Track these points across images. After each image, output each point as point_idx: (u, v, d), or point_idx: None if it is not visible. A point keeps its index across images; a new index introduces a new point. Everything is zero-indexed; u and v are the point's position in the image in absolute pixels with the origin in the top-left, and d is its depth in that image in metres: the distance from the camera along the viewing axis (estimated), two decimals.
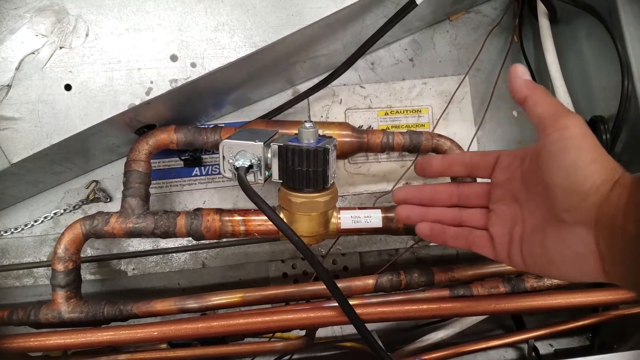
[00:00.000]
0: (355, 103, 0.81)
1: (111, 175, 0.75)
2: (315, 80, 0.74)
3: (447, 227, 0.52)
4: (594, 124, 0.68)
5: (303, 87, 0.79)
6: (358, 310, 0.51)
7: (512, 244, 0.46)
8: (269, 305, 0.62)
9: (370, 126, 0.80)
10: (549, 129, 0.42)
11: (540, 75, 0.81)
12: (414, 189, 0.54)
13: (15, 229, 0.73)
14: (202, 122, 0.76)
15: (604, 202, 0.38)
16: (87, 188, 0.74)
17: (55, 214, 0.73)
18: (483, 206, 0.51)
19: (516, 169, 0.47)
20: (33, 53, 0.54)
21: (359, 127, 0.78)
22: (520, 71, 0.46)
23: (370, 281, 0.60)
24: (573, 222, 0.41)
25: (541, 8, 0.74)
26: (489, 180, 0.50)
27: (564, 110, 0.42)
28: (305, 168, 0.53)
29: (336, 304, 0.53)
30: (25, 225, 0.73)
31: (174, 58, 0.57)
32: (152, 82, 0.57)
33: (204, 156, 0.77)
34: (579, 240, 0.40)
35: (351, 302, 0.51)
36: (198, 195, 0.78)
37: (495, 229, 0.48)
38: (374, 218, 0.62)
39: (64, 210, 0.73)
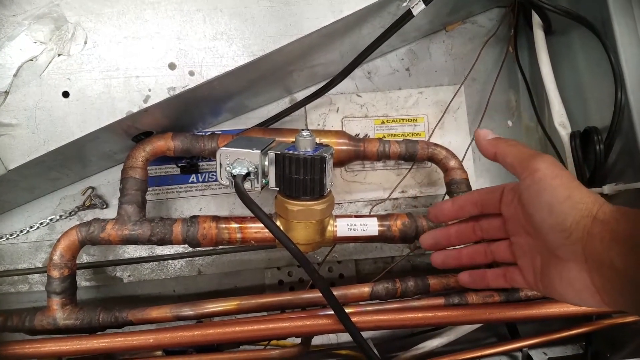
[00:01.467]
0: (352, 112, 0.81)
1: (107, 181, 0.75)
2: (313, 89, 0.75)
3: (484, 272, 0.55)
4: (588, 134, 0.68)
5: (300, 96, 0.80)
6: (354, 319, 0.52)
7: (536, 274, 0.47)
8: (265, 313, 0.62)
9: (366, 135, 0.81)
10: (521, 175, 0.44)
11: (535, 86, 0.82)
12: (440, 232, 0.56)
13: (11, 234, 0.73)
14: (199, 130, 0.76)
15: (588, 238, 0.39)
16: (83, 194, 0.74)
17: (51, 220, 0.73)
18: (506, 237, 0.52)
19: (517, 205, 0.48)
20: (31, 60, 0.55)
21: (355, 135, 0.78)
22: (483, 133, 0.49)
23: (366, 289, 0.61)
24: (566, 259, 0.42)
25: (536, 19, 0.75)
26: None
27: (532, 154, 0.44)
28: (302, 176, 0.53)
29: (332, 312, 0.53)
30: (21, 231, 0.73)
31: (172, 66, 0.57)
32: (150, 90, 0.57)
33: (200, 163, 0.77)
34: (575, 277, 0.42)
35: (347, 310, 0.52)
36: (195, 202, 0.78)
37: (521, 262, 0.50)
38: (370, 226, 0.62)
39: (60, 216, 0.73)
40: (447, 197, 0.70)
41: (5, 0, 0.53)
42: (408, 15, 0.62)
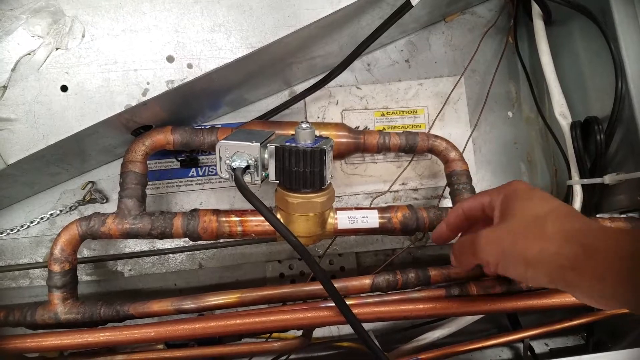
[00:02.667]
0: (352, 104, 0.81)
1: (107, 176, 0.75)
2: (312, 81, 0.74)
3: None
4: (588, 124, 0.68)
5: (300, 88, 0.79)
6: (355, 310, 0.52)
7: None
8: (266, 306, 0.63)
9: (366, 127, 0.81)
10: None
11: (535, 76, 0.82)
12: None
13: (11, 230, 0.73)
14: (198, 123, 0.76)
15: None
16: (83, 189, 0.74)
17: (51, 215, 0.73)
18: None
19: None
20: (29, 54, 0.54)
21: (355, 128, 0.78)
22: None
23: (366, 281, 0.61)
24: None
25: (536, 9, 0.74)
26: None
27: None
28: (302, 169, 0.53)
29: (333, 304, 0.53)
30: (22, 226, 0.73)
31: (170, 59, 0.57)
32: (148, 83, 0.57)
33: (200, 157, 0.77)
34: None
35: (348, 302, 0.52)
36: (195, 196, 0.78)
37: None
38: (370, 218, 0.62)
39: (60, 211, 0.73)
40: (447, 189, 0.70)
41: None
42: (407, 5, 0.62)
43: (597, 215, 0.68)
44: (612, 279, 0.36)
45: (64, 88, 0.56)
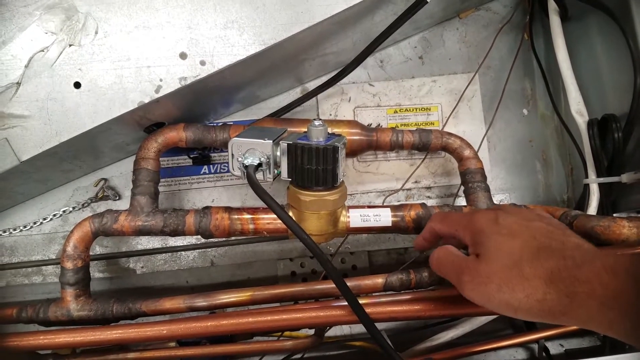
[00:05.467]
0: (364, 101, 0.80)
1: (120, 173, 0.75)
2: (324, 78, 0.74)
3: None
4: (606, 122, 0.67)
5: (312, 85, 0.79)
6: (367, 310, 0.51)
7: None
8: (278, 304, 0.62)
9: (379, 124, 0.80)
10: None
11: (550, 73, 0.81)
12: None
13: (25, 226, 0.73)
14: (210, 121, 0.76)
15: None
16: (96, 186, 0.74)
17: (64, 212, 0.73)
18: None
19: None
20: (42, 51, 0.54)
21: (367, 125, 0.77)
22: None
23: (379, 280, 0.60)
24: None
25: (552, 5, 0.73)
26: None
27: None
28: (314, 166, 0.52)
29: (345, 303, 0.52)
30: (35, 223, 0.73)
31: (183, 56, 0.57)
32: (161, 80, 0.57)
33: (212, 154, 0.77)
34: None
35: (360, 301, 0.51)
36: (207, 193, 0.78)
37: None
38: (383, 217, 0.62)
39: (73, 208, 0.73)
40: (462, 187, 0.69)
41: None
42: (421, 1, 0.61)
43: (615, 215, 0.67)
44: (603, 323, 0.38)
45: (77, 85, 0.56)
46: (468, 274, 0.45)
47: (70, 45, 0.55)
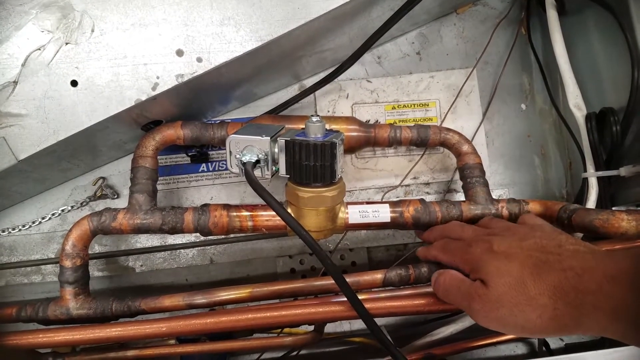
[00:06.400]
0: (362, 97, 0.80)
1: (118, 171, 0.75)
2: (322, 75, 0.74)
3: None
4: (604, 116, 0.67)
5: (309, 82, 0.79)
6: (367, 305, 0.51)
7: None
8: (277, 301, 0.62)
9: (377, 121, 0.80)
10: None
11: (548, 68, 0.81)
12: None
13: (23, 226, 0.73)
14: (208, 118, 0.76)
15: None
16: (94, 185, 0.74)
17: (62, 210, 0.73)
18: None
19: None
20: (39, 49, 0.54)
21: (366, 121, 0.77)
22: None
23: (378, 276, 0.60)
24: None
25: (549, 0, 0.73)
26: None
27: None
28: (312, 162, 0.52)
29: (345, 299, 0.52)
30: (33, 223, 0.73)
31: (179, 53, 0.57)
32: (158, 78, 0.57)
33: (210, 152, 0.77)
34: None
35: (359, 297, 0.51)
36: (205, 191, 0.78)
37: None
38: (382, 213, 0.62)
39: (72, 207, 0.73)
40: (460, 182, 0.69)
41: None
42: None
43: (614, 208, 0.67)
44: (617, 333, 0.38)
45: (74, 83, 0.55)
46: (479, 302, 0.45)
47: (66, 44, 0.55)
